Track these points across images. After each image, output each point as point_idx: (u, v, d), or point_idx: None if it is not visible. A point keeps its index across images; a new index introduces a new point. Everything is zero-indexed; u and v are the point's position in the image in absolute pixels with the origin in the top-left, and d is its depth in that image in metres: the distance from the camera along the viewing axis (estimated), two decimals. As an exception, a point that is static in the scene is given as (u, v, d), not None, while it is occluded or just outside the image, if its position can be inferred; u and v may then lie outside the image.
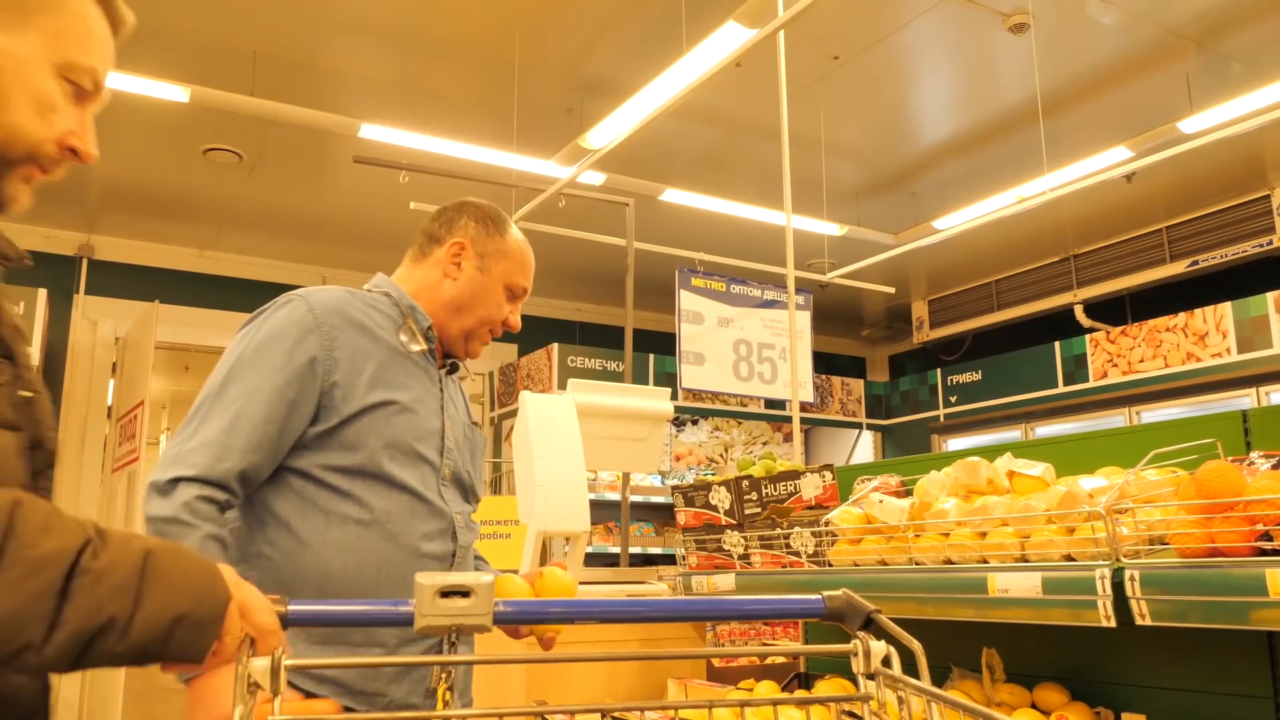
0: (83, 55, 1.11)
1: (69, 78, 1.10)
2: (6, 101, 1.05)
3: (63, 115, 1.10)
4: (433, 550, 1.71)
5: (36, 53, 1.08)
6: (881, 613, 1.21)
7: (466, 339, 1.87)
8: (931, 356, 9.62)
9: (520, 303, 1.93)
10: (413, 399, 1.73)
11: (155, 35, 4.67)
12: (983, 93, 5.32)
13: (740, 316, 4.96)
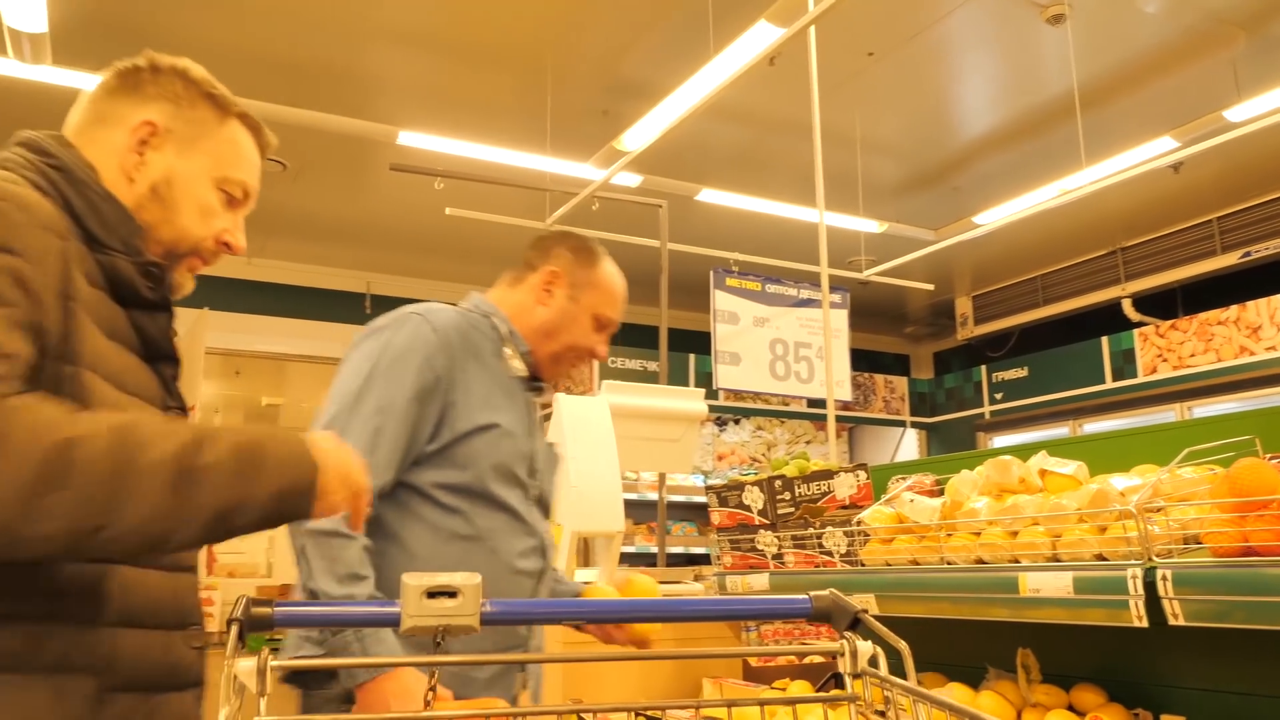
0: (235, 171, 1.37)
1: (224, 189, 1.36)
2: (178, 209, 1.32)
3: (219, 218, 1.36)
4: (526, 567, 1.78)
5: (201, 170, 1.34)
6: (868, 612, 1.21)
7: (553, 363, 1.93)
8: (977, 353, 9.50)
9: (608, 334, 2.00)
10: (512, 421, 1.80)
11: (199, 49, 4.77)
12: (1022, 85, 5.25)
13: (776, 316, 4.94)
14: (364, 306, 8.18)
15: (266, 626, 0.93)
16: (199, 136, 1.35)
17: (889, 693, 1.04)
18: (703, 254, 5.86)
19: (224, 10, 4.48)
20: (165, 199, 1.31)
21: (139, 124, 1.31)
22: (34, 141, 1.27)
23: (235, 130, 1.39)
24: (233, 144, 1.38)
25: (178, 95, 1.35)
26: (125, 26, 4.57)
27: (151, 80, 1.35)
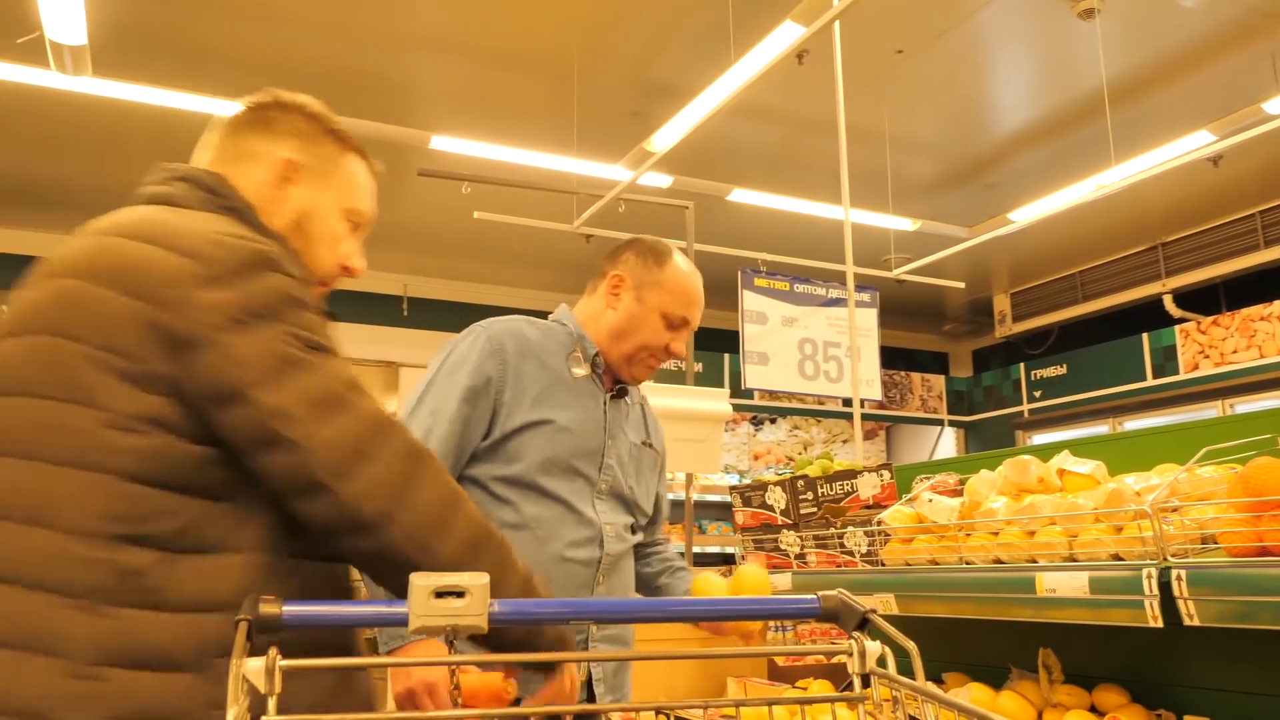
0: (358, 201, 1.46)
1: (349, 218, 1.45)
2: (315, 239, 1.41)
3: (345, 245, 1.45)
4: (577, 556, 1.88)
5: (332, 203, 1.43)
6: (876, 612, 1.21)
7: (629, 363, 2.02)
8: (1016, 351, 9.39)
9: (685, 331, 2.06)
10: (572, 419, 1.91)
11: (231, 58, 4.88)
12: (1055, 80, 5.20)
13: (805, 315, 4.94)
14: (401, 308, 8.28)
15: (274, 627, 0.92)
16: (328, 171, 1.43)
17: (897, 693, 1.05)
18: (733, 254, 5.86)
19: (260, 20, 4.57)
20: (305, 231, 1.39)
21: (280, 161, 1.37)
22: (201, 179, 1.30)
23: (354, 162, 1.47)
24: (354, 175, 1.46)
25: (304, 132, 1.42)
26: (163, 37, 4.68)
27: (281, 117, 1.42)
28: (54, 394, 1.07)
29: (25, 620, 1.02)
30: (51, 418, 1.06)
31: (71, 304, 1.10)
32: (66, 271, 1.13)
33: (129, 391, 1.08)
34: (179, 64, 4.88)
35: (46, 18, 3.78)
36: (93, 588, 1.03)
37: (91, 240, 1.17)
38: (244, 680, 0.84)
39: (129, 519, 1.06)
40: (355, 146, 1.48)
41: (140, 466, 1.07)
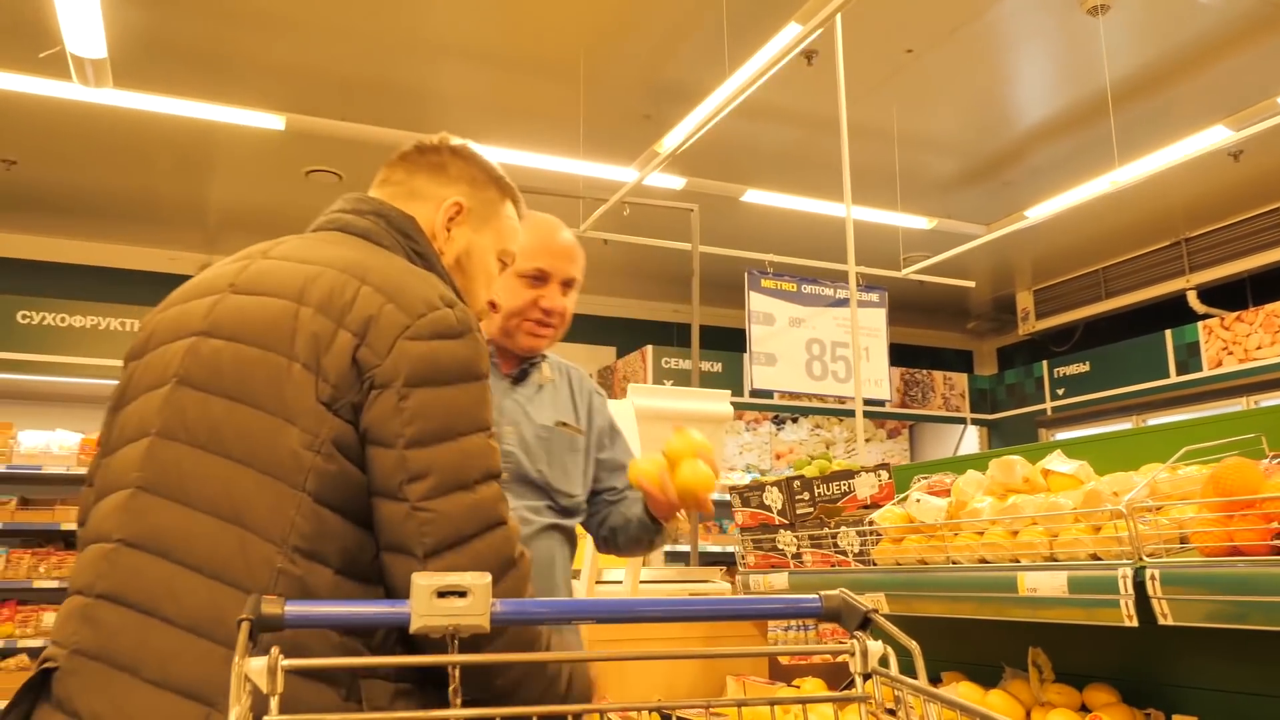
0: (511, 244, 1.56)
1: (502, 259, 1.55)
2: (474, 277, 1.50)
3: (494, 285, 1.56)
4: None
5: (490, 244, 1.52)
6: (878, 612, 1.24)
7: (509, 336, 2.01)
8: (1041, 348, 9.32)
9: (551, 287, 2.01)
10: None
11: (256, 69, 4.97)
12: (1069, 76, 5.17)
13: (812, 316, 4.94)
14: None
15: (277, 626, 0.93)
16: (490, 216, 1.52)
17: (899, 692, 1.07)
18: (741, 256, 5.87)
19: (276, 30, 4.65)
20: (465, 269, 1.48)
21: (450, 204, 1.46)
22: (394, 219, 1.40)
23: (510, 208, 1.57)
24: (511, 220, 1.56)
25: (474, 178, 1.51)
26: (184, 48, 4.78)
27: (454, 162, 1.50)
28: (271, 408, 1.15)
29: (195, 604, 1.09)
30: (262, 426, 1.14)
31: (286, 323, 1.19)
32: (278, 292, 1.22)
33: (326, 415, 1.15)
34: (200, 75, 4.98)
35: (67, 32, 3.88)
36: (273, 592, 1.08)
37: (308, 269, 1.25)
38: (246, 680, 0.84)
39: (310, 536, 1.13)
40: (513, 193, 1.58)
41: (322, 488, 1.14)
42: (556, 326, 2.04)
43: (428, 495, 1.13)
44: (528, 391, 2.04)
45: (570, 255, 2.05)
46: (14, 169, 6.08)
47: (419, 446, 1.15)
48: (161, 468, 1.16)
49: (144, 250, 7.58)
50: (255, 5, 4.46)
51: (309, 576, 1.12)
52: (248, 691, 0.83)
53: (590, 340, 9.07)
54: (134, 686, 1.07)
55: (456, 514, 1.14)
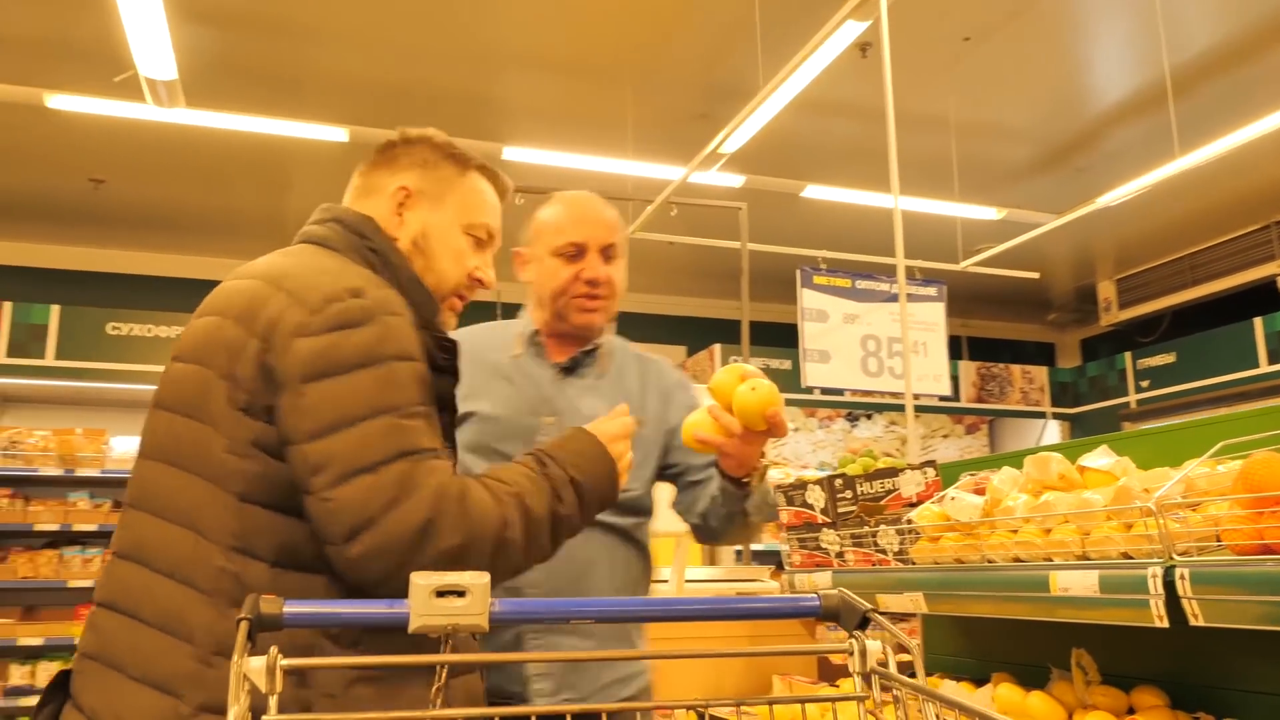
0: (478, 216, 1.55)
1: (470, 233, 1.54)
2: (436, 256, 1.51)
3: (470, 258, 1.54)
4: None
5: (450, 220, 1.52)
6: (877, 611, 1.24)
7: (559, 318, 1.92)
8: (1127, 339, 9.01)
9: (583, 257, 1.93)
10: (499, 404, 1.86)
11: (321, 83, 5.12)
12: (1139, 56, 4.99)
13: (867, 312, 4.87)
14: (495, 314, 8.49)
15: (276, 626, 0.94)
16: (445, 192, 1.53)
17: (898, 692, 1.07)
18: (794, 253, 5.81)
19: (341, 45, 4.79)
20: (424, 250, 1.50)
21: (395, 190, 1.51)
22: (348, 220, 1.46)
23: (475, 180, 1.57)
24: (474, 193, 1.56)
25: (425, 160, 1.54)
26: (251, 66, 4.95)
27: (404, 151, 1.55)
28: (200, 417, 1.25)
29: (164, 605, 1.20)
30: (198, 437, 1.24)
31: (214, 338, 1.28)
32: (217, 310, 1.33)
33: (242, 419, 1.23)
34: (267, 91, 5.15)
35: (139, 56, 4.06)
36: (217, 589, 1.19)
37: (241, 282, 1.35)
38: (245, 679, 0.84)
39: (240, 534, 1.21)
40: (478, 166, 1.58)
41: (248, 488, 1.22)
42: (607, 297, 1.93)
43: (330, 485, 1.18)
44: (583, 382, 1.94)
45: (603, 222, 1.95)
46: (102, 188, 6.37)
47: (316, 439, 1.19)
48: (141, 484, 1.29)
49: (225, 262, 7.87)
50: (316, 23, 4.60)
51: (244, 572, 1.20)
52: (246, 691, 0.83)
53: (660, 340, 9.10)
54: (121, 683, 1.17)
55: (359, 498, 1.17)
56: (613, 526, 1.84)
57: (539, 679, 1.72)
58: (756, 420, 1.60)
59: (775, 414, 1.60)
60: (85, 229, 7.18)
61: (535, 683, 1.72)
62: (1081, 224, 6.72)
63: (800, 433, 8.95)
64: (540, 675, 1.72)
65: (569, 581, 1.76)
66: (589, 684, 1.75)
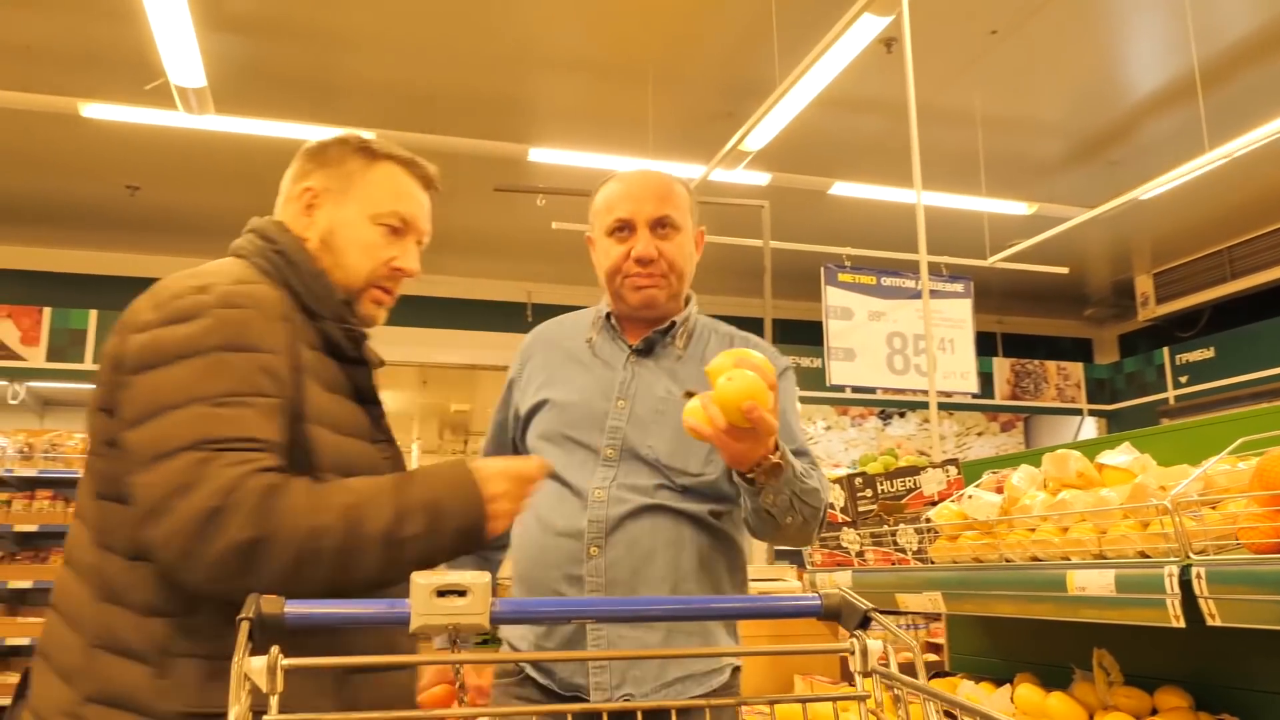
0: (385, 205, 1.54)
1: (381, 223, 1.53)
2: (343, 252, 1.51)
3: (384, 249, 1.53)
4: (561, 528, 1.74)
5: (356, 213, 1.52)
6: (878, 610, 1.23)
7: (620, 299, 1.87)
8: (1166, 334, 8.85)
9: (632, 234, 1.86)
10: (574, 391, 1.84)
11: (348, 88, 5.17)
12: (1172, 46, 4.90)
13: (893, 309, 4.83)
14: (525, 315, 8.54)
15: (278, 626, 0.93)
16: (349, 186, 1.54)
17: (898, 691, 1.06)
18: (817, 250, 5.78)
19: (366, 49, 4.84)
20: (332, 246, 1.51)
21: (299, 192, 1.55)
22: (261, 229, 1.52)
23: (384, 170, 1.56)
24: (380, 183, 1.55)
25: (327, 159, 1.56)
26: (279, 72, 5.01)
27: (317, 155, 1.57)
28: (90, 420, 1.35)
29: (68, 597, 1.29)
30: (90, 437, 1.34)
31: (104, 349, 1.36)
32: None
33: (99, 417, 1.31)
34: (295, 96, 5.22)
35: (168, 64, 4.13)
36: (92, 582, 1.27)
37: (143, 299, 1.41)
38: (246, 679, 0.83)
39: (100, 529, 1.29)
40: (391, 156, 1.57)
41: (102, 484, 1.29)
42: (665, 274, 1.83)
43: (136, 470, 1.21)
44: (659, 364, 1.86)
45: (651, 194, 1.85)
46: (138, 194, 6.49)
47: (133, 428, 1.24)
48: (79, 492, 1.38)
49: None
50: (342, 29, 4.65)
51: (104, 565, 1.27)
52: (247, 691, 0.83)
53: (691, 339, 9.08)
54: (45, 673, 1.27)
55: (156, 483, 1.19)
56: (683, 513, 1.76)
57: (598, 671, 1.67)
58: (735, 415, 1.45)
59: (753, 409, 1.43)
60: (121, 234, 7.32)
61: (595, 675, 1.67)
62: (1117, 218, 6.61)
63: (832, 431, 8.91)
64: (600, 668, 1.67)
65: (629, 571, 1.70)
66: (651, 680, 1.69)
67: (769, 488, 1.59)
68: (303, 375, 1.37)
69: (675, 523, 1.74)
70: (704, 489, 1.76)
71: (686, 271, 1.89)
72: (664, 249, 1.82)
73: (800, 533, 1.72)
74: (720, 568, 1.80)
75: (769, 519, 1.65)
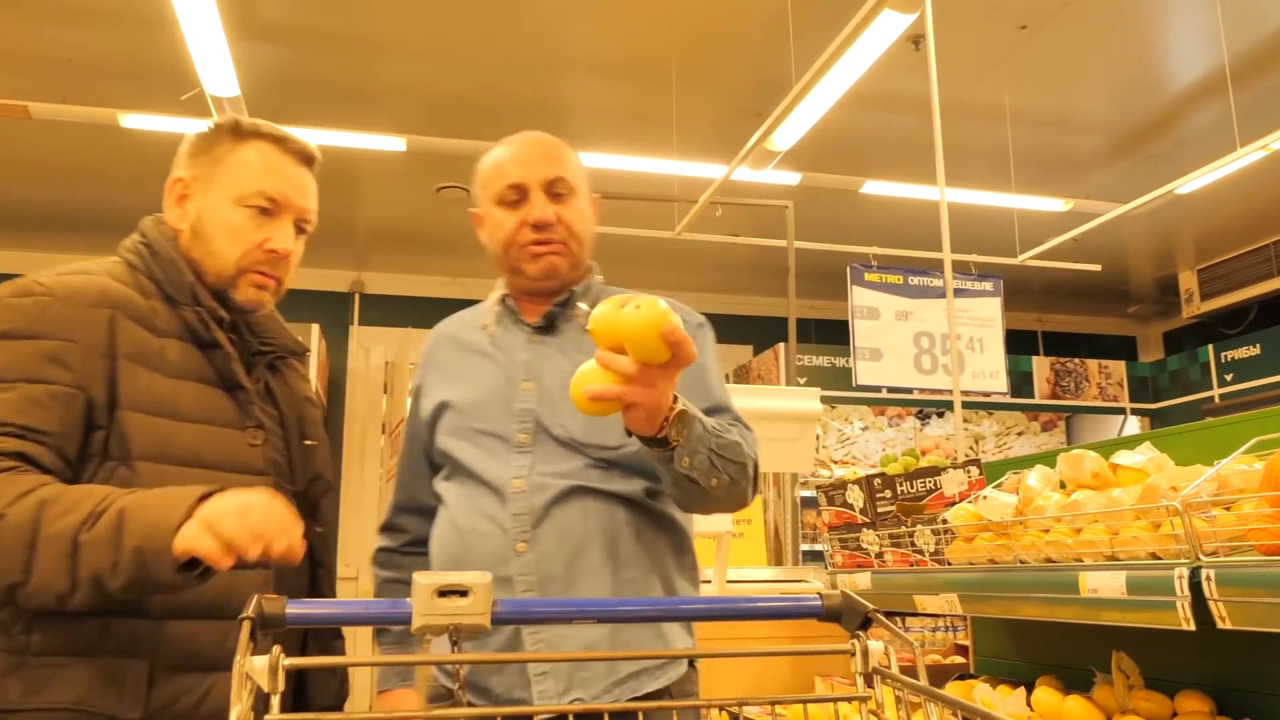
0: (249, 186, 1.51)
1: (247, 205, 1.51)
2: (211, 238, 1.51)
3: (252, 231, 1.51)
4: (482, 527, 1.62)
5: (220, 199, 1.51)
6: (879, 612, 1.23)
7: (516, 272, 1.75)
8: (1212, 330, 8.66)
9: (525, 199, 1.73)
10: (473, 384, 1.72)
11: (379, 94, 5.24)
12: (1208, 39, 4.81)
13: (920, 309, 4.79)
14: None
15: (279, 625, 0.93)
16: (214, 171, 1.53)
17: (900, 692, 1.06)
18: (843, 250, 5.74)
19: (398, 56, 4.90)
20: (201, 235, 1.52)
21: (169, 184, 1.56)
22: (140, 225, 1.56)
23: (250, 150, 1.54)
24: (243, 164, 1.53)
25: (194, 148, 1.57)
26: (311, 80, 5.09)
27: (191, 145, 1.58)
28: None
29: None
30: None
31: None
32: None
33: None
34: (328, 104, 5.29)
35: (203, 75, 4.21)
36: None
37: None
38: (247, 679, 0.83)
39: None
40: (259, 134, 1.55)
41: None
42: (563, 240, 1.71)
43: None
44: (560, 339, 1.74)
45: (541, 155, 1.73)
46: (180, 202, 6.62)
47: None
48: None
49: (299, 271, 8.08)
50: (374, 36, 4.71)
51: None
52: (249, 690, 0.83)
53: (726, 339, 9.07)
54: None
55: None
56: (614, 494, 1.62)
57: (541, 679, 1.55)
58: (654, 345, 1.27)
59: (672, 331, 1.27)
60: (166, 242, 7.46)
61: (538, 684, 1.55)
62: (1158, 212, 6.49)
63: (870, 431, 8.84)
64: (542, 675, 1.55)
65: (563, 565, 1.58)
66: (601, 680, 1.56)
67: (682, 447, 1.44)
68: (119, 362, 1.37)
69: (608, 506, 1.61)
70: (629, 463, 1.62)
71: (586, 237, 1.77)
72: (561, 213, 1.70)
73: (731, 495, 1.58)
74: (664, 553, 1.68)
75: (692, 485, 1.49)
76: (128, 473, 1.36)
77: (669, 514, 1.69)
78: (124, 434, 1.35)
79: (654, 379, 1.32)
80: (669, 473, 1.49)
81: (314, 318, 7.51)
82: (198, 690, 1.37)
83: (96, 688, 1.29)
